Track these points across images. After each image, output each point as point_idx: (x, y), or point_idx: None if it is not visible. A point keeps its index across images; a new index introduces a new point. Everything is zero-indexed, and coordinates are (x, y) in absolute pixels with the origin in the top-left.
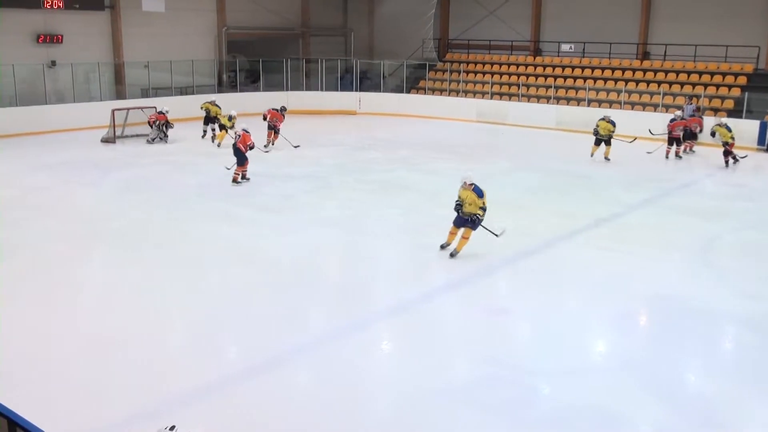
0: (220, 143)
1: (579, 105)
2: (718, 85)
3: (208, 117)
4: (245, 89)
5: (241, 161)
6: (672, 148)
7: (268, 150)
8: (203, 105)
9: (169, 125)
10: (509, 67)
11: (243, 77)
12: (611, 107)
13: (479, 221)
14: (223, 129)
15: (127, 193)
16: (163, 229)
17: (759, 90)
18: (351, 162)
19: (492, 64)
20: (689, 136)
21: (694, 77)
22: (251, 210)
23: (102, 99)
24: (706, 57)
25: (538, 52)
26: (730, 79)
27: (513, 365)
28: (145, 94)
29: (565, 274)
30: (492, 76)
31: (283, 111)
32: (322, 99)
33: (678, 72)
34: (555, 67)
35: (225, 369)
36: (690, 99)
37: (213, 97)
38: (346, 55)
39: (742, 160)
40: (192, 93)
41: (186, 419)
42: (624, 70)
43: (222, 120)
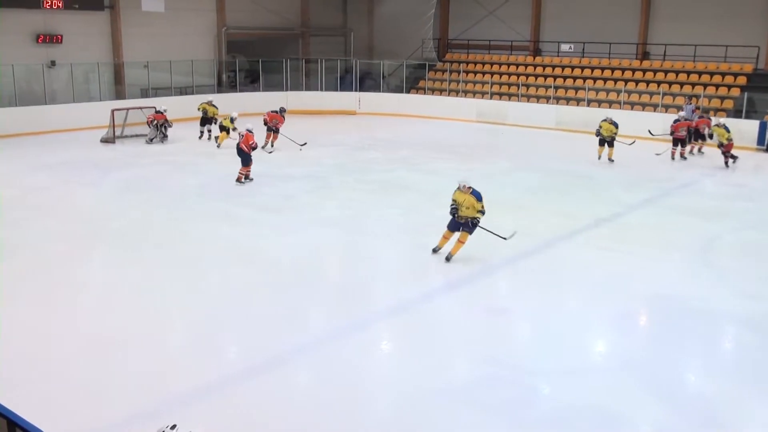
0: (220, 144)
1: (579, 105)
2: (717, 85)
3: (205, 117)
4: (245, 89)
5: (246, 162)
6: (677, 149)
7: (271, 151)
8: (200, 105)
9: (168, 124)
10: (509, 67)
11: (243, 77)
12: (611, 107)
13: (477, 225)
14: (224, 130)
15: (127, 193)
16: (163, 229)
17: (759, 90)
18: (351, 162)
19: (492, 64)
20: (698, 137)
21: (693, 77)
22: (251, 210)
23: (102, 99)
24: (705, 57)
25: (537, 52)
26: (729, 79)
27: (513, 365)
28: (145, 94)
29: (565, 274)
30: (492, 76)
31: (283, 112)
32: (321, 99)
33: (678, 72)
34: (555, 67)
35: (225, 369)
36: (689, 99)
37: (210, 97)
38: (345, 55)
39: (734, 160)
40: (192, 93)
41: (186, 419)
42: (624, 70)
43: (224, 122)
